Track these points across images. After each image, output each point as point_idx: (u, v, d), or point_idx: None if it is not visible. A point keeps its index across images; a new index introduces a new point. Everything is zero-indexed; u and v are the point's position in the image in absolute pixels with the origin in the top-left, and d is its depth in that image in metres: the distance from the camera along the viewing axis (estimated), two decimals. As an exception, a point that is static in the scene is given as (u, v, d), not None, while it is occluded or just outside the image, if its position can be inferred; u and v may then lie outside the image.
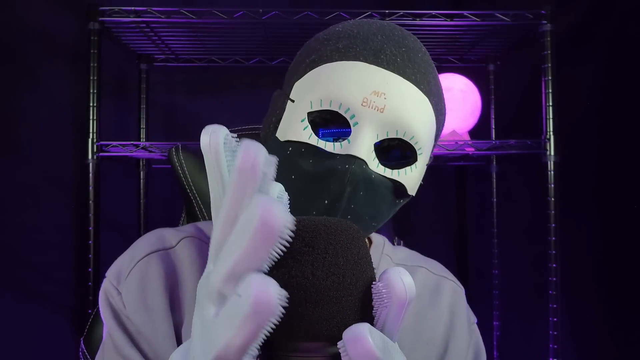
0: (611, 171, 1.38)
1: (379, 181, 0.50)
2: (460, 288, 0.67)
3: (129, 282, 0.57)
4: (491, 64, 1.63)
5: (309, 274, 0.29)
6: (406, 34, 0.54)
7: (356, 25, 0.54)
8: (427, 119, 0.51)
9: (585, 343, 1.42)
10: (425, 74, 0.52)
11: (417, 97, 0.50)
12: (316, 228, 0.31)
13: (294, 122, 0.51)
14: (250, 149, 0.27)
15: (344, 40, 0.52)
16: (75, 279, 1.46)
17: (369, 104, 0.48)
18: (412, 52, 0.52)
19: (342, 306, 0.30)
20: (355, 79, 0.49)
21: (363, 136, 0.49)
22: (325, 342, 0.30)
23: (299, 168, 0.50)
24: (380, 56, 0.50)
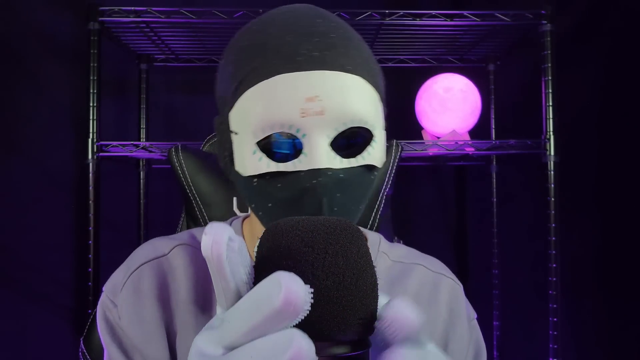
0: (611, 171, 1.38)
1: (349, 175, 0.50)
2: (458, 285, 0.67)
3: (123, 294, 0.58)
4: (491, 64, 1.63)
5: (309, 274, 0.29)
6: (314, 17, 0.52)
7: (260, 32, 0.52)
8: (366, 95, 0.51)
9: (585, 343, 1.42)
10: (346, 51, 0.50)
11: (349, 81, 0.49)
12: (315, 228, 0.31)
13: (247, 156, 0.50)
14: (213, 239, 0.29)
15: (258, 56, 0.50)
16: (75, 279, 1.46)
17: (308, 112, 0.48)
18: (325, 38, 0.50)
19: (343, 306, 0.30)
20: (284, 95, 0.48)
21: (316, 144, 0.48)
22: (325, 342, 0.30)
23: (271, 195, 0.50)
24: (297, 59, 0.48)
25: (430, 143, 1.34)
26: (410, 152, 1.31)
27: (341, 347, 0.30)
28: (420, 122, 1.47)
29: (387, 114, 0.57)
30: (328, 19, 0.53)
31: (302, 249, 0.30)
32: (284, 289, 0.26)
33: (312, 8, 0.54)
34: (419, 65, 1.60)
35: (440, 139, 1.40)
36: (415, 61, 1.60)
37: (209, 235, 0.29)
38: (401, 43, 1.46)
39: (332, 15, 0.55)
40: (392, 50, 1.53)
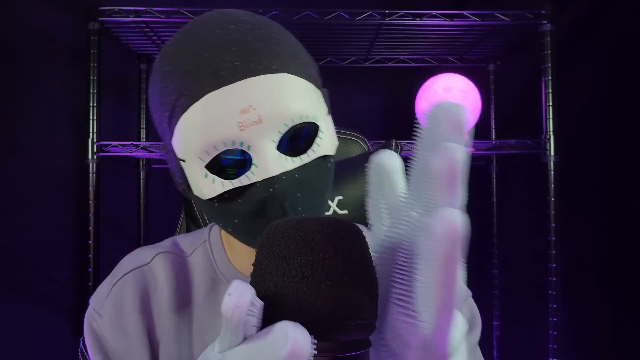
0: (611, 171, 1.38)
1: (303, 173, 0.50)
2: None
3: (107, 306, 0.59)
4: (491, 64, 1.63)
5: (309, 274, 0.29)
6: (225, 26, 0.50)
7: (178, 52, 0.51)
8: (300, 88, 0.50)
9: (585, 343, 1.42)
10: (269, 51, 0.49)
11: (278, 80, 0.48)
12: (315, 228, 0.31)
13: (200, 181, 0.50)
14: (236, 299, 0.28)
15: (181, 80, 0.49)
16: (75, 279, 1.46)
17: (246, 124, 0.47)
18: (243, 44, 0.49)
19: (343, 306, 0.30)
20: (217, 114, 0.47)
21: (264, 153, 0.48)
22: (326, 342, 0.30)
23: (235, 212, 0.50)
24: (220, 74, 0.47)
25: (430, 143, 1.34)
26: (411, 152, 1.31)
27: (341, 347, 0.30)
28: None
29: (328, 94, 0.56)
30: (242, 21, 0.51)
31: (302, 249, 0.30)
32: (290, 340, 0.26)
33: (224, 14, 0.53)
34: (419, 65, 1.60)
35: (440, 139, 1.40)
36: (415, 61, 1.60)
37: (232, 297, 0.28)
38: (401, 43, 1.46)
39: (246, 14, 0.53)
40: (392, 50, 1.53)
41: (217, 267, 0.61)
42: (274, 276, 0.30)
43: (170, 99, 0.49)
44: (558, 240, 1.25)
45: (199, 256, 0.63)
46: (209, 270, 0.61)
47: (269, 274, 0.30)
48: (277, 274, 0.30)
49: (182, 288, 0.60)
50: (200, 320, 0.59)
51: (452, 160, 0.27)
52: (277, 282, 0.30)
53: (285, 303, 0.29)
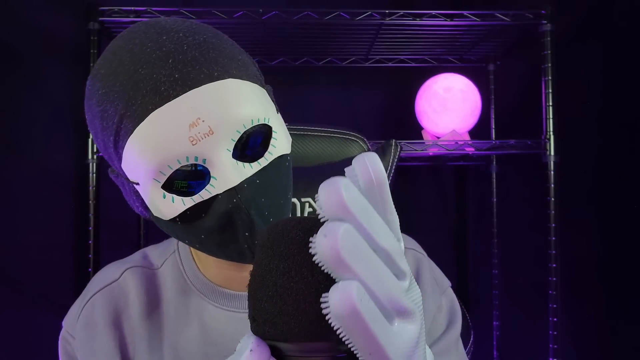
0: (611, 171, 1.38)
1: (264, 177, 0.49)
2: (422, 255, 0.66)
3: (78, 328, 0.58)
4: (491, 64, 1.63)
5: (308, 275, 0.29)
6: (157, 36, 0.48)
7: (111, 72, 0.48)
8: (245, 91, 0.48)
9: (585, 343, 1.42)
10: (205, 58, 0.47)
11: (221, 87, 0.47)
12: (315, 228, 0.31)
13: (159, 202, 0.48)
14: None
15: (120, 101, 0.46)
16: (75, 279, 1.46)
17: (197, 138, 0.45)
18: (179, 54, 0.46)
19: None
20: (167, 132, 0.45)
21: (220, 165, 0.46)
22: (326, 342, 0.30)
23: (200, 228, 0.49)
24: (161, 89, 0.45)
25: (430, 143, 1.34)
26: (410, 152, 1.31)
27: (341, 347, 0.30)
28: (420, 122, 1.47)
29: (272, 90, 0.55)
30: (173, 30, 0.48)
31: (302, 249, 0.30)
32: None
33: (152, 24, 0.50)
34: (419, 65, 1.60)
35: (440, 139, 1.40)
36: (415, 61, 1.60)
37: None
38: (401, 43, 1.46)
39: (175, 22, 0.50)
40: (392, 50, 1.53)
41: (187, 278, 0.60)
42: (273, 276, 0.30)
43: (113, 122, 0.47)
44: (558, 240, 1.25)
45: (169, 267, 0.62)
46: (180, 281, 0.60)
47: (269, 273, 0.30)
48: (276, 273, 0.30)
49: (153, 301, 0.59)
50: (172, 332, 0.58)
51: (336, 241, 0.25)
52: (276, 282, 0.30)
53: (284, 303, 0.29)
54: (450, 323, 0.63)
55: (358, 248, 0.26)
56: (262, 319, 0.30)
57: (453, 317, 0.63)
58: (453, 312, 0.64)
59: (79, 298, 0.61)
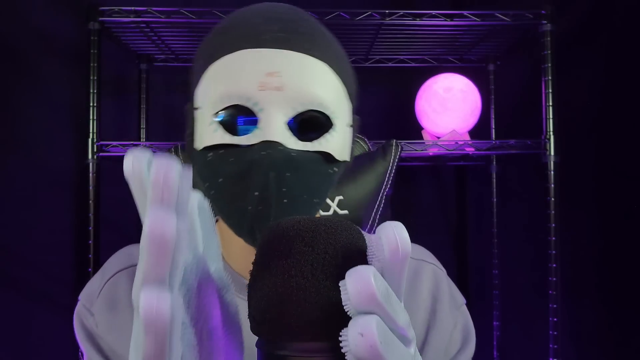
0: (611, 171, 1.38)
1: (301, 157, 0.49)
2: (441, 270, 0.66)
3: (100, 302, 0.59)
4: (491, 64, 1.63)
5: (308, 274, 0.29)
6: (287, 8, 0.53)
7: (231, 18, 0.53)
8: (329, 82, 0.50)
9: (585, 343, 1.42)
10: (314, 39, 0.51)
11: (312, 64, 0.49)
12: (316, 228, 0.31)
13: (204, 129, 0.50)
14: (161, 163, 0.27)
15: (225, 35, 0.51)
16: (75, 279, 1.46)
17: (266, 87, 0.48)
18: (294, 24, 0.51)
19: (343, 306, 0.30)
20: (245, 68, 0.48)
21: (271, 119, 0.48)
22: (325, 342, 0.30)
23: (223, 170, 0.50)
24: (262, 37, 0.49)
25: (430, 143, 1.34)
26: (410, 152, 1.31)
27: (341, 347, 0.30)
28: (420, 122, 1.47)
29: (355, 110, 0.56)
30: (301, 12, 0.53)
31: (302, 248, 0.30)
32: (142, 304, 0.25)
33: (288, 5, 0.55)
34: (419, 65, 1.60)
35: (440, 139, 1.40)
36: (415, 61, 1.60)
37: (128, 156, 0.27)
38: (401, 43, 1.46)
39: (306, 13, 0.55)
40: (392, 50, 1.53)
41: None
42: (273, 275, 0.30)
43: (208, 50, 0.52)
44: (558, 240, 1.25)
45: None
46: None
47: (269, 272, 0.30)
48: (276, 273, 0.30)
49: None
50: None
51: None
52: (276, 282, 0.30)
53: (284, 303, 0.29)
54: (466, 341, 0.63)
55: (388, 338, 0.27)
56: (262, 318, 0.30)
57: (468, 334, 0.63)
58: (467, 329, 0.64)
59: (98, 276, 0.62)
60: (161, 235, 0.25)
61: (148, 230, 0.25)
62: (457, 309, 0.64)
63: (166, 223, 0.25)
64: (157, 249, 0.25)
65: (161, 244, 0.25)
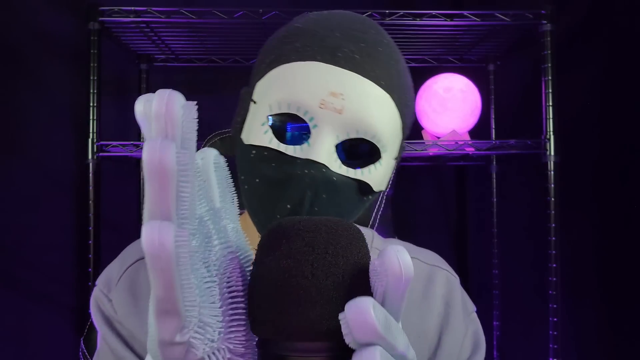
0: (611, 171, 1.38)
1: (341, 182, 0.50)
2: (454, 277, 0.66)
3: (119, 289, 0.59)
4: (491, 64, 1.63)
5: (309, 274, 0.29)
6: (368, 26, 0.52)
7: (315, 20, 0.52)
8: (389, 115, 0.50)
9: (585, 343, 1.42)
10: (387, 68, 0.50)
11: (377, 94, 0.49)
12: (316, 228, 0.31)
13: (255, 125, 0.50)
14: (163, 94, 0.26)
15: (302, 39, 0.50)
16: (76, 279, 1.46)
17: (327, 106, 0.47)
18: (371, 47, 0.50)
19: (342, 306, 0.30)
20: (312, 81, 0.48)
21: (322, 139, 0.48)
22: (325, 342, 0.30)
23: (262, 172, 0.50)
24: (337, 54, 0.48)
25: (430, 143, 1.34)
26: (410, 152, 1.31)
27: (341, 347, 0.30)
28: (420, 122, 1.47)
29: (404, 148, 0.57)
30: (381, 34, 0.53)
31: (302, 248, 0.30)
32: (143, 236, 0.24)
33: (371, 20, 0.54)
34: (419, 65, 1.60)
35: (440, 139, 1.40)
36: (415, 61, 1.60)
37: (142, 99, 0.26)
38: (401, 43, 1.46)
39: (386, 34, 0.54)
40: (392, 50, 1.53)
41: None
42: (273, 275, 0.30)
43: (283, 48, 0.51)
44: (558, 240, 1.25)
45: None
46: None
47: (269, 272, 0.30)
48: (276, 272, 0.30)
49: None
50: None
51: None
52: (276, 282, 0.30)
53: (284, 302, 0.29)
54: (476, 347, 0.63)
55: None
56: (262, 318, 0.30)
57: (478, 341, 0.64)
58: (477, 336, 0.64)
59: (116, 262, 0.61)
60: (159, 163, 0.24)
61: (145, 159, 0.24)
62: (468, 316, 0.65)
63: (164, 151, 0.24)
64: (157, 179, 0.24)
65: (160, 173, 0.24)
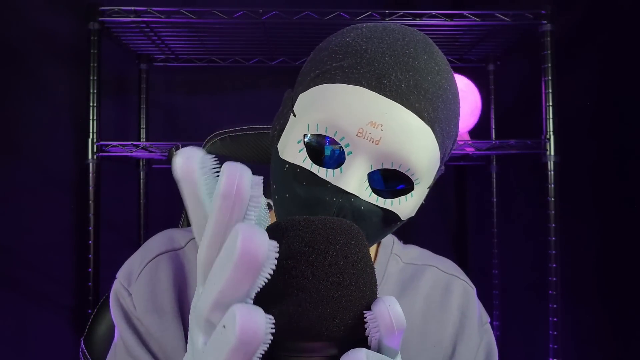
0: (611, 171, 1.38)
1: (369, 211, 0.49)
2: (472, 288, 0.67)
3: (139, 283, 0.58)
4: (491, 64, 1.63)
5: (309, 274, 0.30)
6: (421, 51, 0.50)
7: (367, 38, 0.50)
8: (428, 149, 0.49)
9: (585, 343, 1.42)
10: (433, 99, 0.49)
11: (418, 127, 0.48)
12: (316, 228, 0.31)
13: (291, 141, 0.50)
14: (233, 172, 0.26)
15: (351, 57, 0.49)
16: (75, 279, 1.46)
17: (365, 135, 0.47)
18: (420, 76, 0.49)
19: (342, 306, 0.30)
20: (353, 107, 0.47)
21: (355, 167, 0.48)
22: (325, 342, 0.30)
23: (292, 189, 0.50)
24: (384, 82, 0.47)
25: (430, 143, 1.34)
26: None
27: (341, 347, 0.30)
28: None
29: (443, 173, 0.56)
30: (434, 58, 0.51)
31: (302, 248, 0.30)
32: (238, 325, 0.25)
33: (426, 41, 0.52)
34: (419, 65, 1.60)
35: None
36: (415, 61, 1.60)
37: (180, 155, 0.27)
38: (401, 43, 1.46)
39: (441, 56, 0.53)
40: (392, 50, 1.53)
41: None
42: (274, 276, 0.30)
43: (330, 63, 0.50)
44: (558, 240, 1.25)
45: None
46: None
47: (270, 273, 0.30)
48: (277, 273, 0.30)
49: None
50: None
51: None
52: (277, 282, 0.30)
53: (284, 302, 0.29)
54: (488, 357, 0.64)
55: None
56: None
57: (491, 352, 0.64)
58: (490, 347, 0.65)
59: (138, 256, 0.61)
60: (253, 254, 0.25)
61: (241, 249, 0.25)
62: (482, 327, 0.65)
63: (259, 243, 0.25)
64: (248, 267, 0.25)
65: (252, 262, 0.25)
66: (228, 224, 0.27)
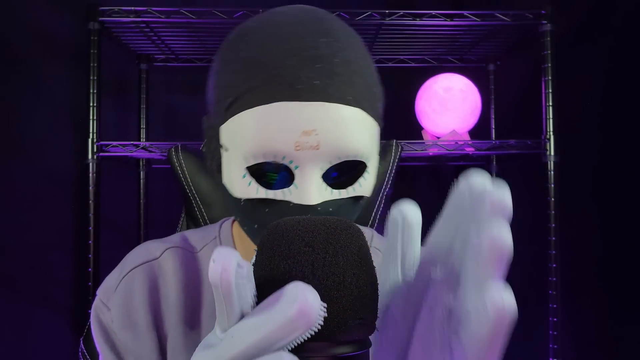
0: (611, 171, 1.38)
1: (338, 207, 0.50)
2: None
3: (116, 298, 0.59)
4: (491, 64, 1.63)
5: (309, 274, 0.29)
6: (317, 34, 0.48)
7: (260, 45, 0.48)
8: (365, 127, 0.49)
9: (585, 343, 1.42)
10: (349, 78, 0.48)
11: (348, 113, 0.47)
12: (316, 228, 0.31)
13: (236, 178, 0.49)
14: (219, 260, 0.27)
15: (257, 74, 0.47)
16: (75, 279, 1.46)
17: (303, 146, 0.46)
18: (328, 63, 0.47)
19: (343, 306, 0.30)
20: (281, 125, 0.46)
21: (308, 178, 0.47)
22: (326, 342, 0.30)
23: (258, 219, 0.50)
24: (297, 87, 0.46)
25: (430, 143, 1.34)
26: (410, 152, 1.31)
27: (342, 347, 0.30)
28: (420, 122, 1.47)
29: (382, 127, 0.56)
30: (333, 36, 0.49)
31: (302, 248, 0.30)
32: (299, 299, 0.25)
33: (317, 19, 0.51)
34: (419, 65, 1.60)
35: (440, 139, 1.40)
36: (415, 61, 1.60)
37: (217, 262, 0.27)
38: (401, 43, 1.46)
39: (337, 25, 0.51)
40: (392, 50, 1.53)
41: None
42: (274, 276, 0.30)
43: (239, 88, 0.48)
44: (558, 240, 1.25)
45: (209, 253, 0.62)
46: None
47: (269, 273, 0.30)
48: (277, 273, 0.30)
49: (191, 283, 0.60)
50: (209, 316, 0.59)
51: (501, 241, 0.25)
52: (277, 283, 0.30)
53: (285, 303, 0.29)
54: None
55: None
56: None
57: None
58: None
59: (116, 271, 0.61)
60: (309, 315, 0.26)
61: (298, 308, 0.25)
62: None
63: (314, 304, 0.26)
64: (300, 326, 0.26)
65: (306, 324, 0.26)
66: None
